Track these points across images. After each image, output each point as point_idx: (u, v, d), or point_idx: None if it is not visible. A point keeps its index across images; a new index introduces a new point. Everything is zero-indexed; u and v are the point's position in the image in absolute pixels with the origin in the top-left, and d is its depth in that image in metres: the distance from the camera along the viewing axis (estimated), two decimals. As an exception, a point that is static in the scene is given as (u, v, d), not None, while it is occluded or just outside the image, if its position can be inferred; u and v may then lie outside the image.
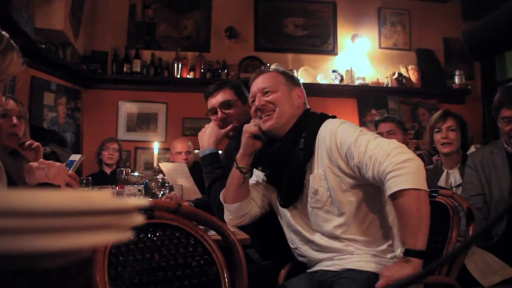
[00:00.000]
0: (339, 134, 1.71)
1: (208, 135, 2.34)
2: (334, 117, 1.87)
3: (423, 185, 1.52)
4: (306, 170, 1.78)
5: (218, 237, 1.47)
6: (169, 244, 1.39)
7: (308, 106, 1.94)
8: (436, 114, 2.81)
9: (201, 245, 1.40)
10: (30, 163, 1.47)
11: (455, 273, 1.73)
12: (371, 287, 1.52)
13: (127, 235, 0.42)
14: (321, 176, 1.74)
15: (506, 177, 2.33)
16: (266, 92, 1.87)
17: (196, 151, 3.42)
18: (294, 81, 1.97)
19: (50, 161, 1.46)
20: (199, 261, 1.39)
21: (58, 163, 1.49)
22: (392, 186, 1.52)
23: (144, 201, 0.45)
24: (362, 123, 4.96)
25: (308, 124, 1.83)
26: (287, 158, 1.81)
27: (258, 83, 1.92)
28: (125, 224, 0.41)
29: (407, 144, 3.64)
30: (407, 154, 1.56)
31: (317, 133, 1.78)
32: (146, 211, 1.35)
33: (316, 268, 1.78)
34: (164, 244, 1.39)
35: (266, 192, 1.98)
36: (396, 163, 1.52)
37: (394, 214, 1.63)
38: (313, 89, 4.95)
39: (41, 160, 1.50)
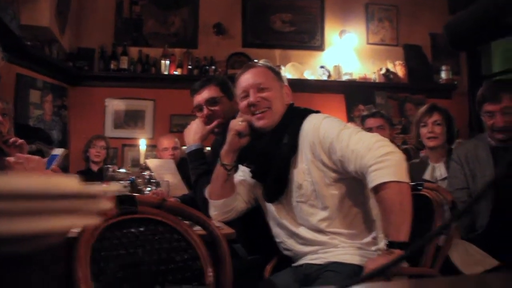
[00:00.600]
0: (322, 128, 1.72)
1: (193, 131, 2.34)
2: (317, 112, 1.88)
3: (405, 178, 1.54)
4: (290, 165, 1.79)
5: (204, 232, 1.48)
6: (153, 239, 1.39)
7: (292, 101, 1.95)
8: (422, 109, 2.83)
9: (185, 240, 1.40)
10: (8, 158, 1.46)
11: (439, 264, 1.75)
12: (356, 280, 1.53)
13: (94, 220, 0.42)
14: (305, 171, 1.75)
15: (490, 170, 2.35)
16: (261, 88, 1.86)
17: (184, 147, 3.41)
18: (281, 77, 1.98)
19: (27, 155, 1.45)
20: (183, 255, 1.39)
21: (35, 157, 1.48)
22: (374, 179, 1.53)
23: (113, 187, 0.45)
24: (350, 119, 4.98)
25: (292, 119, 1.83)
26: (272, 154, 1.82)
27: (250, 77, 1.90)
28: (91, 209, 0.41)
29: (394, 139, 3.67)
30: (389, 147, 1.57)
31: (300, 128, 1.79)
32: (128, 206, 1.35)
33: (301, 261, 1.79)
34: (148, 239, 1.39)
35: (251, 187, 1.98)
36: (378, 156, 1.54)
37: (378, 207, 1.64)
38: (301, 85, 4.97)
39: (18, 154, 1.49)
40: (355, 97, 5.16)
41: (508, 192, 2.28)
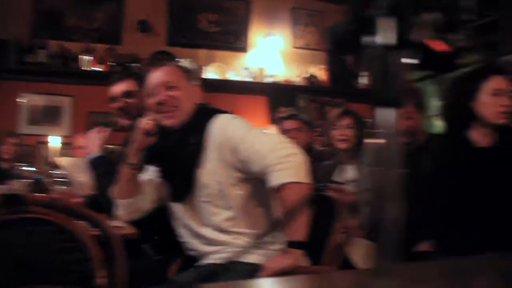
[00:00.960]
0: (229, 129, 1.74)
1: (91, 143, 2.34)
2: (226, 112, 1.89)
3: (305, 179, 1.59)
4: (197, 164, 1.78)
5: (99, 232, 1.44)
6: (42, 240, 1.34)
7: (202, 101, 1.95)
8: (335, 112, 2.94)
9: (77, 240, 1.36)
10: None
11: (338, 262, 1.82)
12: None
13: None
14: (211, 171, 1.75)
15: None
16: (170, 87, 1.85)
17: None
18: (193, 77, 1.98)
19: None
20: (76, 256, 1.35)
21: None
22: (274, 179, 1.57)
23: None
24: (273, 121, 5.05)
25: (200, 119, 1.83)
26: (178, 153, 1.81)
27: (160, 76, 1.88)
28: None
29: (313, 141, 3.76)
30: (291, 149, 1.62)
31: (208, 128, 1.79)
32: (16, 205, 1.29)
33: (204, 261, 1.79)
34: (38, 239, 1.34)
35: (158, 186, 1.95)
36: (279, 157, 1.58)
37: (281, 207, 1.68)
38: (225, 86, 4.99)
39: None
40: (278, 99, 5.24)
41: (411, 194, 2.41)
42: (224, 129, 1.75)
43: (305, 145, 3.30)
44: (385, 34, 0.61)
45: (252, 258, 1.68)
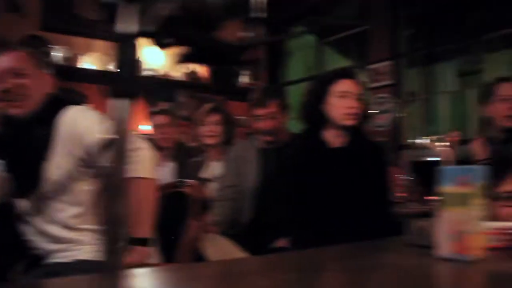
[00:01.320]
0: (78, 122, 1.69)
1: None
2: (79, 103, 1.82)
3: (151, 174, 1.58)
4: (43, 158, 1.70)
5: None
6: None
7: (55, 91, 1.85)
8: (203, 109, 2.97)
9: None
10: None
11: (190, 258, 1.84)
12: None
13: None
14: (58, 165, 1.69)
15: (255, 170, 2.55)
16: (17, 74, 1.73)
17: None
18: (46, 64, 1.87)
19: None
20: None
21: None
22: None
23: None
24: (150, 115, 4.96)
25: (50, 110, 1.75)
26: (24, 145, 1.71)
27: (6, 62, 1.75)
28: None
29: (185, 137, 3.76)
30: (138, 143, 1.61)
31: (58, 119, 1.71)
32: None
33: (50, 260, 1.72)
34: None
35: (2, 181, 1.83)
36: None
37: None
38: (104, 77, 4.79)
39: None
40: (157, 94, 5.14)
41: (270, 193, 2.49)
42: (74, 121, 1.69)
43: (175, 140, 3.31)
44: (125, 23, 0.61)
45: (100, 256, 1.64)
